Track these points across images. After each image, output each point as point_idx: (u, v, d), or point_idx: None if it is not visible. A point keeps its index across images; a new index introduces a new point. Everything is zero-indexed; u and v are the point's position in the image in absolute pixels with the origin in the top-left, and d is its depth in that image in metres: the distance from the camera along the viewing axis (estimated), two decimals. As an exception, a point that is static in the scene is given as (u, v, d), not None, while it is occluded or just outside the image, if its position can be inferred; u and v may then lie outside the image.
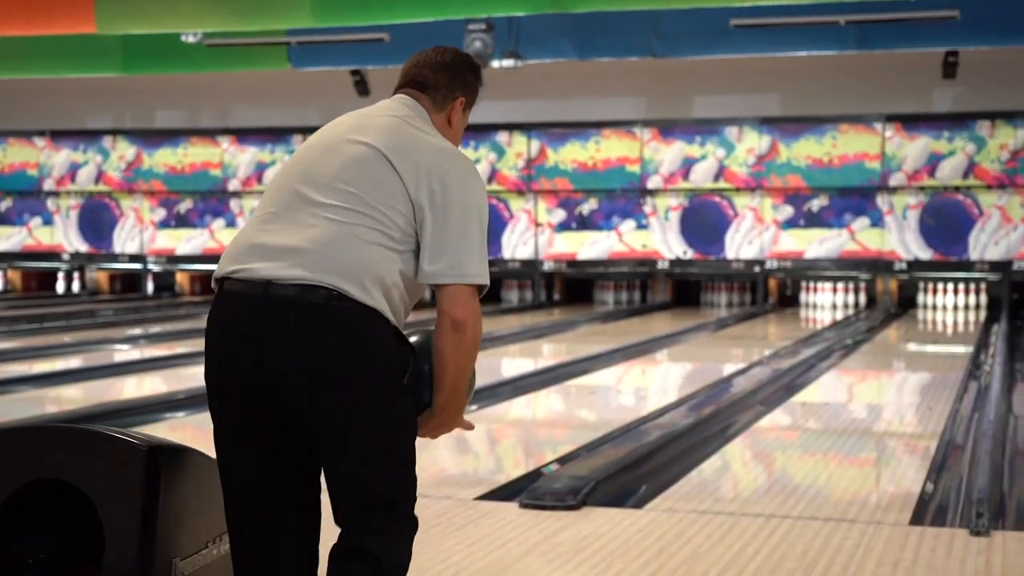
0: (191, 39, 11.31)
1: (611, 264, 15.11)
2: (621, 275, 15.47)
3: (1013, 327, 12.51)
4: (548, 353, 10.78)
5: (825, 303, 14.96)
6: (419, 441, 2.56)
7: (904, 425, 7.04)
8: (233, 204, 16.19)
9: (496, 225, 15.37)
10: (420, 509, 2.59)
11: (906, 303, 14.76)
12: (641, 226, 14.94)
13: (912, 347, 11.42)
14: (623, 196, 14.94)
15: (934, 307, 14.63)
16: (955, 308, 14.45)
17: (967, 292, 14.55)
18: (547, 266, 15.26)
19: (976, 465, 5.16)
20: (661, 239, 14.88)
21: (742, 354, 10.56)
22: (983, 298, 14.50)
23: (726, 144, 14.54)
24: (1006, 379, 8.40)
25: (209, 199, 16.30)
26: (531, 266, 15.32)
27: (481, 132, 15.28)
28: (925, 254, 14.10)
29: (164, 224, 16.52)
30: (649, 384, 9.10)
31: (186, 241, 16.43)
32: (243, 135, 16.12)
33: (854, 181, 14.18)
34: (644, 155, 14.80)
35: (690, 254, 14.81)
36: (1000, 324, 12.29)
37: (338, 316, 2.42)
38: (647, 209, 14.88)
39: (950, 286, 14.54)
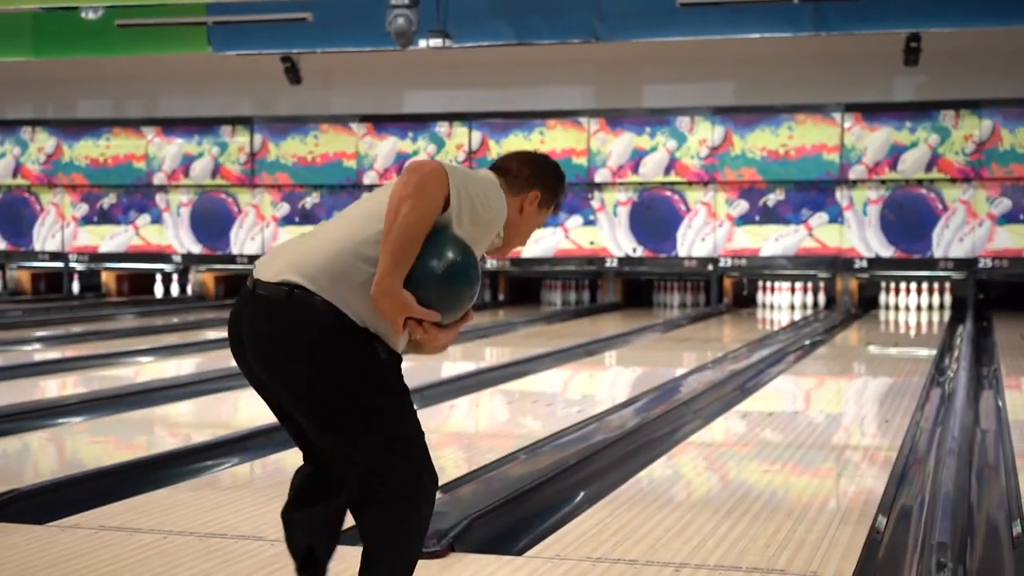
0: (91, 15, 10.41)
1: (557, 262, 14.30)
2: (567, 274, 14.67)
3: (979, 328, 11.79)
4: (479, 356, 9.95)
5: (783, 303, 14.20)
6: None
7: (861, 437, 6.27)
8: (159, 199, 15.28)
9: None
10: None
11: (867, 303, 14.03)
12: (588, 222, 14.14)
13: (872, 350, 10.65)
14: (569, 190, 14.09)
15: (896, 307, 13.90)
16: (918, 308, 13.72)
17: (931, 292, 13.82)
18: (490, 264, 14.42)
19: (937, 500, 4.25)
20: (609, 236, 14.08)
21: (688, 358, 9.75)
22: (947, 298, 13.79)
23: (677, 135, 13.75)
24: (972, 385, 7.67)
25: (133, 193, 15.38)
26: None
27: (419, 122, 14.46)
28: (886, 252, 13.36)
29: (87, 220, 15.58)
30: (579, 391, 8.28)
31: (110, 238, 15.51)
32: (169, 126, 15.22)
33: (812, 174, 13.42)
34: (591, 147, 14.00)
35: (640, 252, 14.02)
36: (965, 325, 11.56)
37: (288, 305, 2.75)
38: (595, 204, 14.08)
39: (912, 285, 13.82)
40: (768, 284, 14.27)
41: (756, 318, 13.35)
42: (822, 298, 14.20)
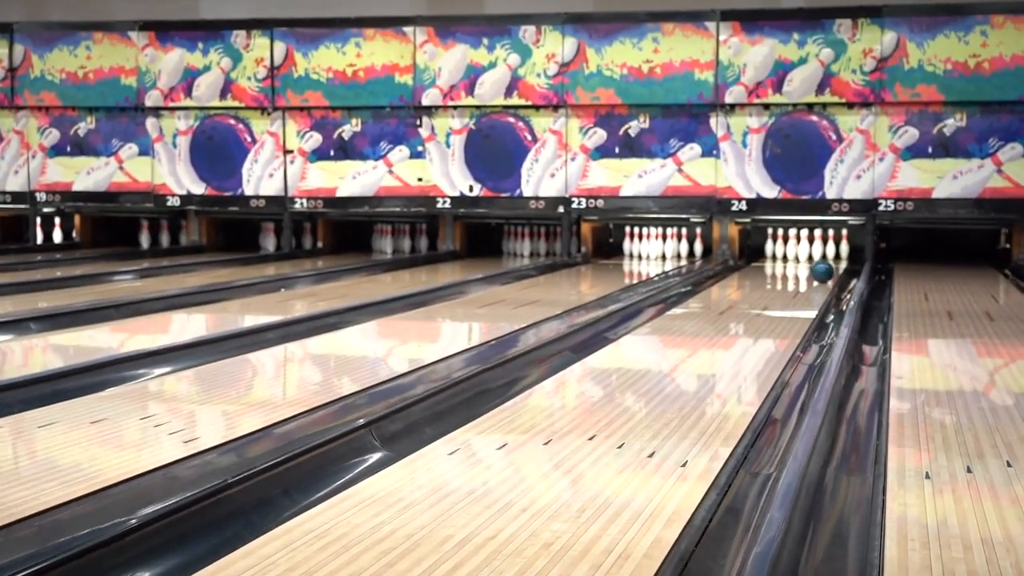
0: None
1: (378, 202, 11.84)
2: (392, 217, 12.24)
3: (875, 285, 9.57)
4: (285, 309, 7.47)
5: (653, 253, 11.89)
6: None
7: (705, 406, 4.54)
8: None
9: (233, 151, 12.01)
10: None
11: (751, 253, 11.79)
12: (416, 154, 11.69)
13: (743, 310, 8.25)
14: (393, 115, 11.66)
15: (785, 258, 11.66)
16: (809, 259, 11.49)
17: (824, 240, 11.61)
18: (299, 204, 11.94)
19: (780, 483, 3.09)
20: (441, 171, 11.64)
21: (520, 315, 7.33)
22: (844, 247, 11.58)
23: (521, 49, 11.30)
24: (848, 360, 5.58)
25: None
26: (279, 204, 12.00)
27: (212, 31, 11.87)
28: (770, 192, 11.06)
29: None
30: (367, 351, 5.90)
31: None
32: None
33: (681, 97, 11.06)
34: (417, 62, 11.51)
35: (477, 191, 11.60)
36: (859, 281, 9.32)
37: None
38: (423, 132, 11.61)
39: (803, 232, 11.59)
40: (636, 231, 11.96)
41: (620, 270, 11.03)
42: (699, 247, 11.92)
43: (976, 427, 4.08)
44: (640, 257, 11.95)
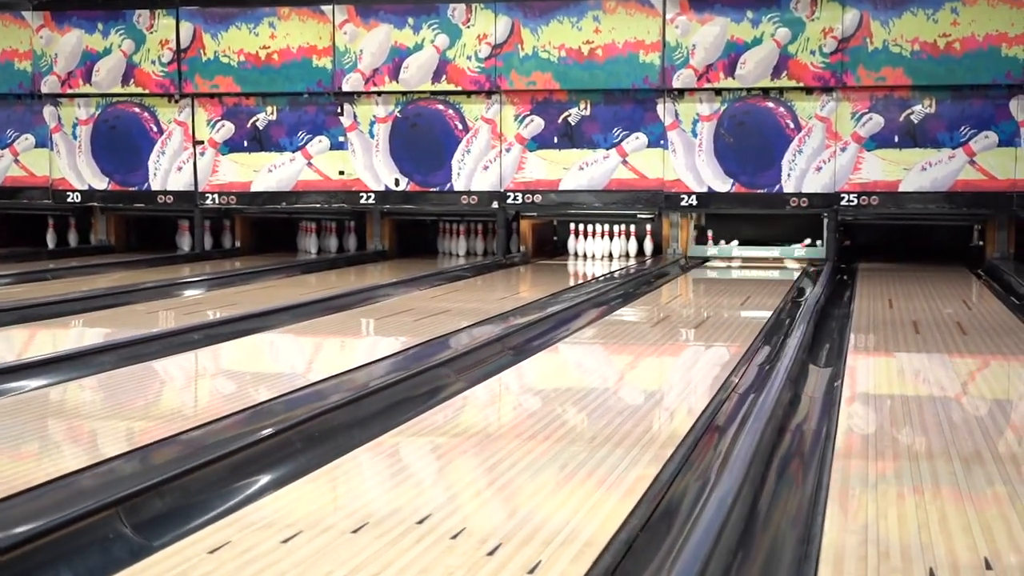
0: None
1: (297, 198, 10.83)
2: (317, 214, 11.23)
3: (834, 285, 8.66)
4: (196, 311, 6.48)
5: (599, 252, 10.92)
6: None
7: (639, 417, 4.13)
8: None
9: (138, 142, 10.97)
10: None
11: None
12: (337, 145, 10.68)
13: (685, 315, 7.27)
14: (311, 102, 10.65)
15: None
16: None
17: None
18: (210, 200, 10.92)
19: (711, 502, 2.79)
20: (365, 164, 10.64)
21: (433, 323, 6.34)
22: (803, 245, 10.65)
23: (449, 29, 10.31)
24: (794, 370, 4.88)
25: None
26: (188, 200, 10.97)
27: (113, 11, 10.86)
28: (722, 185, 10.10)
29: None
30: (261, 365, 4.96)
31: None
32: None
33: (625, 81, 10.09)
34: (337, 44, 10.50)
35: (404, 184, 10.60)
36: (818, 282, 8.38)
37: None
38: (344, 121, 10.61)
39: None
40: (582, 228, 10.99)
41: (561, 271, 10.07)
42: (649, 245, 10.95)
43: (934, 452, 3.16)
44: (586, 256, 10.98)
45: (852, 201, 9.85)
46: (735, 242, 10.73)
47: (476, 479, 3.31)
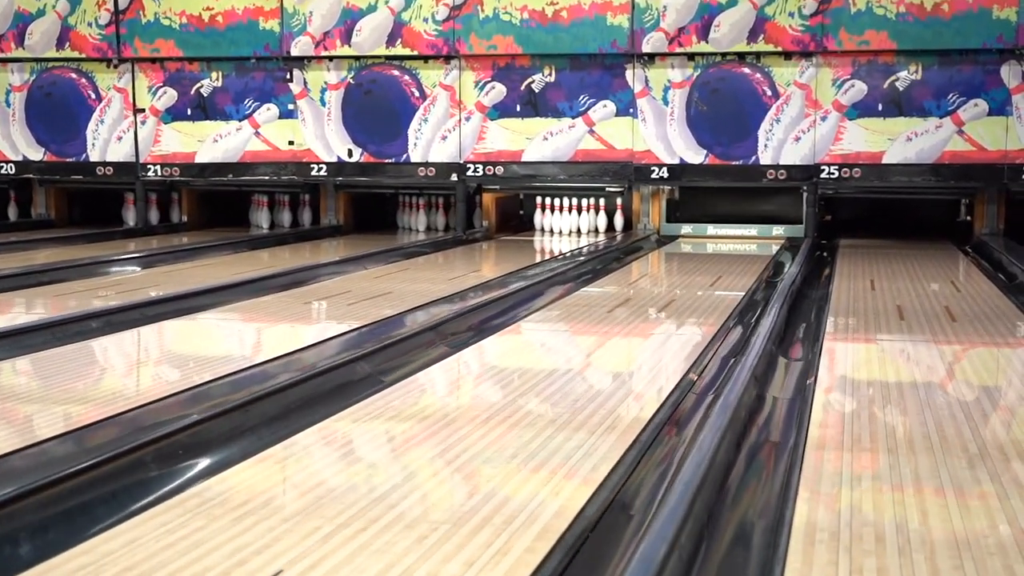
0: None
1: (244, 169, 10.19)
2: (269, 186, 10.59)
3: (812, 263, 8.09)
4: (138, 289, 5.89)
5: (566, 227, 10.32)
6: None
7: (592, 412, 3.69)
8: None
9: (76, 110, 10.32)
10: None
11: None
12: (286, 114, 10.04)
13: (651, 296, 6.67)
14: (258, 68, 10.00)
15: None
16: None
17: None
18: (152, 172, 10.27)
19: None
20: (316, 133, 10.00)
21: (394, 301, 5.76)
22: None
23: (405, -11, 9.68)
24: (764, 358, 4.43)
25: None
26: (129, 171, 10.32)
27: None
28: (696, 156, 9.50)
29: None
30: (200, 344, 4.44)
31: None
32: None
33: (591, 46, 9.46)
34: (285, 5, 9.85)
35: (357, 156, 9.97)
36: (794, 261, 7.80)
37: None
38: (294, 88, 9.96)
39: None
40: (548, 202, 10.38)
41: (526, 247, 9.48)
42: (619, 220, 10.35)
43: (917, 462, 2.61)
44: (552, 232, 10.37)
45: (833, 173, 9.26)
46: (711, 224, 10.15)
47: (433, 461, 3.12)
